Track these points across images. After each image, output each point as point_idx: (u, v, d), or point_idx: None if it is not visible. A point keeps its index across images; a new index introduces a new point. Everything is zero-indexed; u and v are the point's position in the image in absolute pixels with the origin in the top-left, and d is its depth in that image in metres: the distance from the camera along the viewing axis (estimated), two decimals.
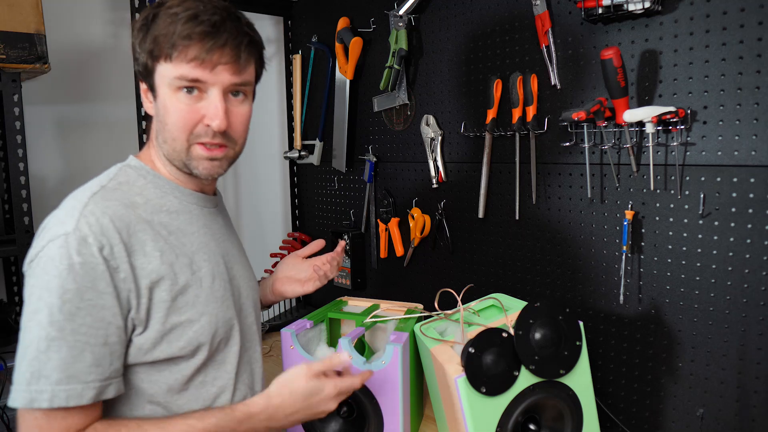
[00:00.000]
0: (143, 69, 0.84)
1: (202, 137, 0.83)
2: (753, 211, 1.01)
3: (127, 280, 0.77)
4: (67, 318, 0.72)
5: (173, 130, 0.83)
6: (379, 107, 1.62)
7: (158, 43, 0.80)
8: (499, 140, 1.36)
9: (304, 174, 1.95)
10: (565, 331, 1.02)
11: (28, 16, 1.28)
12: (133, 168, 0.88)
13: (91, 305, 0.74)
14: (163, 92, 0.82)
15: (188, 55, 0.79)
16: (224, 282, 0.91)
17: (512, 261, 1.37)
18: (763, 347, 1.02)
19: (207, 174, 0.87)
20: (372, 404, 1.10)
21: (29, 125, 1.61)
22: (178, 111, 0.82)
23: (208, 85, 0.81)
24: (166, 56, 0.80)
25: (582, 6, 1.11)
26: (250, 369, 0.97)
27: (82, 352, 0.73)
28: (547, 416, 1.04)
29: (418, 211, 1.54)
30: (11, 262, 1.65)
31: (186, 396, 0.85)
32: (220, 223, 0.97)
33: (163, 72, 0.81)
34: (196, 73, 0.80)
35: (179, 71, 0.80)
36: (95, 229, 0.76)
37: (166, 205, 0.87)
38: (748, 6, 0.98)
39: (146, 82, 0.85)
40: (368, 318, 1.21)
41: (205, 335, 0.85)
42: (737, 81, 1.00)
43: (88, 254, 0.74)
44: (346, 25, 1.64)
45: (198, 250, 0.88)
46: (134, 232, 0.80)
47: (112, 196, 0.81)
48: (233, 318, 0.91)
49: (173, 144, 0.84)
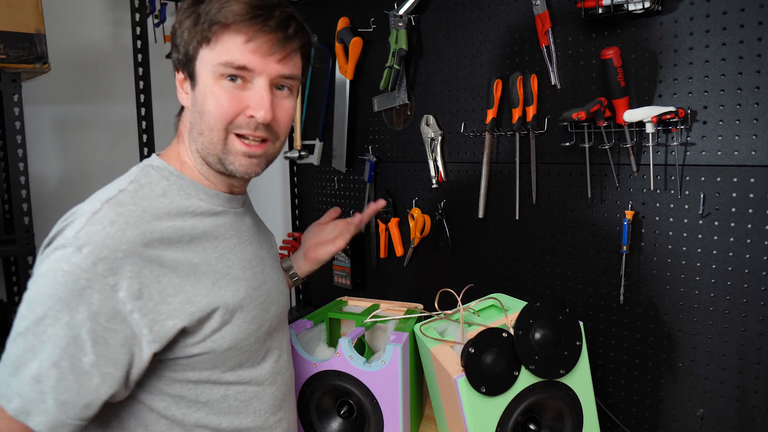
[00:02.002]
0: (184, 55, 0.80)
1: (243, 128, 0.80)
2: (753, 211, 1.01)
3: (129, 300, 0.71)
4: (35, 321, 0.69)
5: (211, 119, 0.79)
6: (379, 107, 1.62)
7: (205, 25, 0.76)
8: (499, 140, 1.36)
9: (304, 174, 1.95)
10: (565, 331, 1.02)
11: (28, 16, 1.28)
12: (155, 168, 0.83)
13: (55, 319, 0.69)
14: (204, 80, 0.79)
15: (237, 37, 0.76)
16: (251, 289, 0.86)
17: (512, 261, 1.37)
18: (763, 347, 1.02)
19: (243, 172, 0.83)
20: (372, 404, 1.10)
21: (29, 125, 1.62)
22: (218, 98, 0.78)
23: (254, 74, 0.78)
24: (212, 39, 0.77)
25: (582, 6, 1.11)
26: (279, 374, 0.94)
27: (32, 360, 0.68)
28: (547, 416, 1.04)
29: (418, 211, 1.54)
30: (11, 262, 1.65)
31: (210, 408, 0.83)
32: (248, 223, 0.93)
33: (207, 58, 0.78)
34: (243, 59, 0.77)
35: (225, 57, 0.77)
36: (96, 240, 0.70)
37: (192, 207, 0.82)
38: (748, 6, 0.97)
39: (185, 70, 0.81)
40: (368, 318, 1.22)
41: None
42: (737, 81, 1.00)
43: (76, 265, 0.69)
44: (346, 25, 1.64)
45: (222, 256, 0.83)
46: (150, 247, 0.74)
47: (129, 201, 0.76)
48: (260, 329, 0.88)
49: (210, 135, 0.80)
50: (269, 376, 0.90)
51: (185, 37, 0.79)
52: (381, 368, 1.08)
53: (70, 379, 0.69)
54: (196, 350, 0.78)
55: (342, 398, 1.15)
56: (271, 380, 0.91)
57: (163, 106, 1.64)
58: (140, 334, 0.72)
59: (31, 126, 1.67)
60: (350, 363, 1.09)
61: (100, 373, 0.70)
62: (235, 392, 0.85)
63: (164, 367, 0.78)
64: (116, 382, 0.72)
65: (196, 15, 0.78)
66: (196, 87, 0.80)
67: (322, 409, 1.16)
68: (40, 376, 0.68)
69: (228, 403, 0.84)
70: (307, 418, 1.15)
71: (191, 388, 0.81)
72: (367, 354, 1.17)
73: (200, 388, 0.81)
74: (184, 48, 0.80)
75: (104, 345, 0.70)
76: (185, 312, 0.76)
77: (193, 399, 0.81)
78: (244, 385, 0.86)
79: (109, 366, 0.71)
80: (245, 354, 0.85)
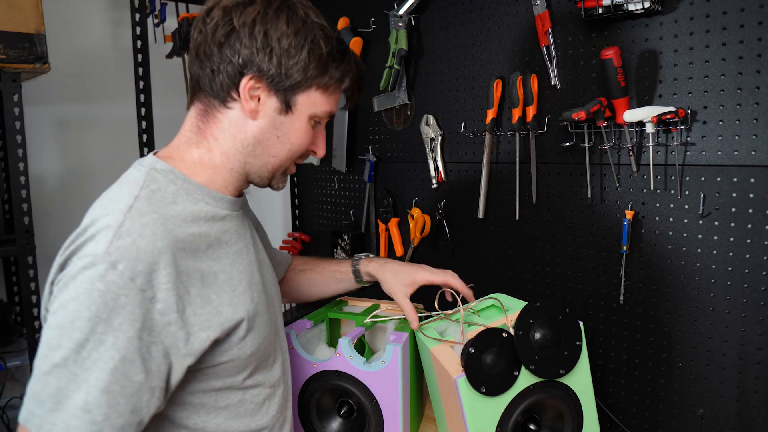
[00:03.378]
0: (284, 77, 0.78)
1: (299, 159, 0.88)
2: (753, 211, 1.01)
3: (166, 312, 0.69)
4: (75, 348, 0.65)
5: (294, 150, 0.84)
6: (379, 107, 1.62)
7: (331, 81, 0.82)
8: (499, 140, 1.36)
9: (304, 174, 1.95)
10: (565, 331, 1.02)
11: (28, 16, 1.28)
12: (161, 172, 0.79)
13: (99, 341, 0.65)
14: (300, 116, 0.82)
15: (344, 95, 0.87)
16: (260, 293, 0.86)
17: (512, 261, 1.37)
18: (763, 347, 1.02)
19: (283, 187, 0.91)
20: (372, 404, 1.10)
21: (29, 125, 1.61)
22: (307, 135, 0.85)
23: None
24: (330, 91, 0.83)
25: (582, 6, 1.11)
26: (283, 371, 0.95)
27: (77, 390, 0.64)
28: (547, 416, 1.04)
29: (418, 211, 1.54)
30: (11, 262, 1.65)
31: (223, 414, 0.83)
32: (247, 225, 0.92)
33: (316, 100, 0.82)
34: (335, 109, 0.87)
35: (330, 108, 0.85)
36: (129, 254, 0.67)
37: (202, 212, 0.80)
38: (748, 6, 0.98)
39: (278, 89, 0.79)
40: (368, 318, 1.21)
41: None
42: (737, 81, 1.00)
43: (113, 282, 0.66)
44: (346, 25, 1.64)
45: (234, 262, 0.82)
46: (177, 256, 0.72)
47: (149, 209, 0.73)
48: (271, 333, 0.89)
49: (283, 161, 0.85)
50: (279, 377, 0.91)
51: (293, 63, 0.78)
52: (381, 368, 1.08)
53: (122, 402, 0.66)
54: (224, 358, 0.78)
55: (342, 398, 1.15)
56: (281, 380, 0.92)
57: (163, 106, 1.64)
58: (176, 347, 0.71)
59: (31, 126, 1.67)
60: (350, 363, 1.09)
61: (149, 388, 0.68)
62: (251, 396, 0.85)
63: (190, 378, 0.77)
64: (162, 394, 0.70)
65: (317, 57, 0.79)
66: (288, 114, 0.82)
67: (322, 409, 1.16)
68: (88, 405, 0.64)
69: (245, 407, 0.84)
70: (307, 418, 1.15)
71: (212, 395, 0.80)
72: (367, 354, 1.17)
73: (221, 394, 0.81)
74: (287, 70, 0.78)
75: (150, 359, 0.68)
76: (215, 323, 0.75)
77: (212, 405, 0.80)
78: (260, 388, 0.87)
79: (156, 379, 0.69)
80: (262, 357, 0.86)
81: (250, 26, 0.76)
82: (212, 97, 0.81)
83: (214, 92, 0.80)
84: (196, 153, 0.82)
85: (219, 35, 0.77)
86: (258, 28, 0.76)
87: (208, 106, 0.82)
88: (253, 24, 0.76)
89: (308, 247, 1.96)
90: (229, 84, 0.78)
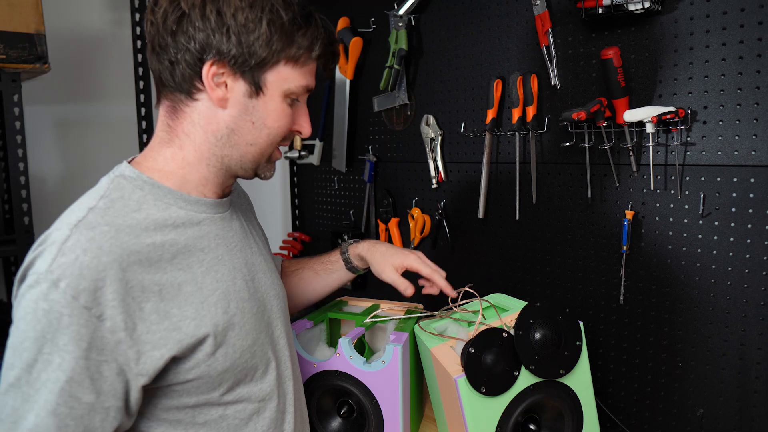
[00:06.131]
0: (248, 56, 0.73)
1: (282, 142, 0.82)
2: (753, 211, 1.01)
3: (115, 330, 0.66)
4: (26, 368, 0.64)
5: (273, 134, 0.79)
6: (379, 107, 1.62)
7: (300, 51, 0.76)
8: (499, 140, 1.36)
9: (304, 174, 1.95)
10: (565, 331, 1.02)
11: (28, 16, 1.28)
12: (127, 179, 0.75)
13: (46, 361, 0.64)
14: (272, 96, 0.76)
15: (313, 65, 0.79)
16: (241, 301, 0.80)
17: (512, 261, 1.37)
18: (763, 347, 1.02)
19: (271, 176, 0.85)
20: (372, 404, 1.10)
21: (29, 125, 1.61)
22: (285, 115, 0.79)
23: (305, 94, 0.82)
24: (300, 62, 0.77)
25: (582, 6, 1.11)
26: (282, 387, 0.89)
27: (29, 411, 0.63)
28: (547, 416, 1.04)
29: (418, 211, 1.54)
30: (11, 262, 1.65)
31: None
32: (236, 227, 0.86)
33: (287, 76, 0.76)
34: (313, 84, 0.80)
35: (306, 81, 0.79)
36: (71, 271, 0.64)
37: (171, 218, 0.75)
38: (748, 6, 0.97)
39: (246, 73, 0.74)
40: (368, 318, 1.21)
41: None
42: (737, 81, 1.00)
43: (56, 301, 0.63)
44: (346, 25, 1.64)
45: (209, 269, 0.77)
46: (129, 271, 0.68)
47: (101, 221, 0.69)
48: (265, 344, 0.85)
49: (265, 148, 0.80)
50: (270, 390, 0.85)
51: (253, 38, 0.72)
52: (381, 368, 1.08)
53: (72, 424, 0.64)
54: (190, 376, 0.74)
55: (342, 398, 1.15)
56: (273, 393, 0.86)
57: None
58: (129, 366, 0.68)
59: (31, 126, 1.67)
60: (350, 363, 1.09)
61: (102, 409, 0.66)
62: (234, 411, 0.80)
63: (159, 394, 0.74)
64: (119, 413, 0.68)
65: (279, 27, 0.73)
66: (259, 96, 0.76)
67: (322, 409, 1.16)
68: (38, 428, 0.63)
69: (227, 422, 0.80)
70: None
71: (188, 411, 0.76)
72: (367, 354, 1.17)
73: (198, 410, 0.77)
74: (249, 48, 0.73)
75: (101, 379, 0.66)
76: (172, 340, 0.70)
77: (190, 422, 0.77)
78: (244, 403, 0.81)
79: (110, 399, 0.67)
80: (242, 372, 0.80)
81: (200, 7, 0.72)
82: (177, 90, 0.76)
83: (177, 85, 0.75)
84: (168, 152, 0.79)
85: (170, 23, 0.72)
86: (209, 8, 0.71)
87: (174, 101, 0.77)
88: (203, 4, 0.72)
89: (308, 247, 1.96)
90: (190, 74, 0.74)
